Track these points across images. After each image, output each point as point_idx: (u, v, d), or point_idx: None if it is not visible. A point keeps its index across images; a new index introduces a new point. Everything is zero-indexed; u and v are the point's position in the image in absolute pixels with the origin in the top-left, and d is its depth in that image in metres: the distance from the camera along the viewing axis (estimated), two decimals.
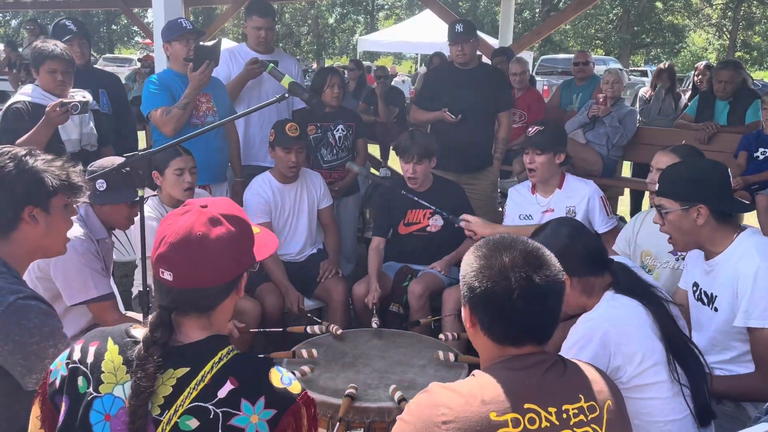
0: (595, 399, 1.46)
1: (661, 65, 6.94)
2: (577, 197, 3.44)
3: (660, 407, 1.86)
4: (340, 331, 2.95)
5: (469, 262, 1.51)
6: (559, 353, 1.83)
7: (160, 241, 1.41)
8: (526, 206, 3.57)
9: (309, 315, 3.50)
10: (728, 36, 34.28)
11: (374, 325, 3.13)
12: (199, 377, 1.36)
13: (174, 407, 1.34)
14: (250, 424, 1.33)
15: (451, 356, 2.69)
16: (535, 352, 1.48)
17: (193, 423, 1.33)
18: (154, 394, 1.34)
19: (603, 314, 1.92)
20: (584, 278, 2.00)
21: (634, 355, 1.85)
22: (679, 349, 1.90)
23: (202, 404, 1.34)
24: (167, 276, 1.39)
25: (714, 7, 34.55)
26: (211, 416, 1.33)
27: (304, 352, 2.71)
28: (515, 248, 1.48)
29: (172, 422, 1.33)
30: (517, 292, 1.43)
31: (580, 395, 1.45)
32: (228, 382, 1.35)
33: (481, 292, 1.46)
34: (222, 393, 1.34)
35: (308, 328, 3.00)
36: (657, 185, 2.40)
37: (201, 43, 3.83)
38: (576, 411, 1.42)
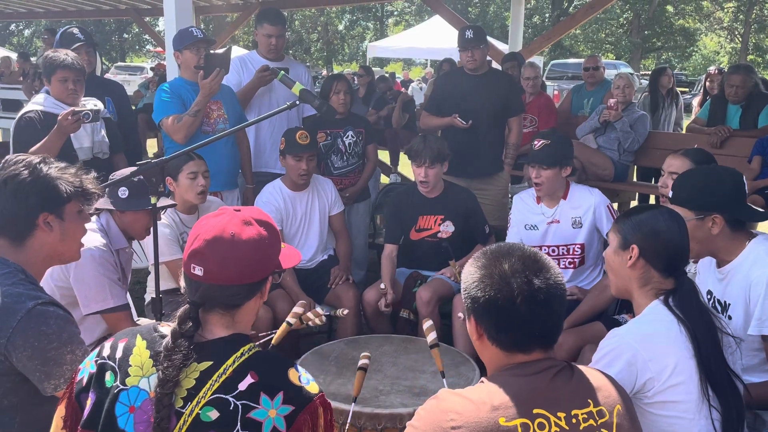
0: (604, 404, 1.46)
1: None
2: (583, 207, 3.42)
3: (684, 428, 1.80)
4: (346, 312, 2.92)
5: (470, 273, 1.53)
6: (590, 364, 1.82)
7: (194, 238, 1.48)
8: (530, 216, 3.55)
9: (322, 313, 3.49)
10: (740, 39, 34.06)
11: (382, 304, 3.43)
12: (221, 370, 1.40)
13: (196, 399, 1.38)
14: (268, 419, 1.37)
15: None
16: (543, 358, 1.49)
17: (214, 414, 1.37)
18: (178, 385, 1.39)
19: (632, 332, 1.87)
20: (649, 266, 1.94)
21: (664, 368, 1.79)
22: (717, 376, 1.82)
23: (223, 396, 1.38)
24: (198, 271, 1.46)
25: (725, 10, 34.35)
26: (231, 408, 1.37)
27: (310, 315, 2.56)
28: (513, 255, 1.50)
29: (194, 414, 1.37)
30: (520, 297, 1.44)
31: (589, 400, 1.45)
32: (249, 376, 1.40)
33: (485, 301, 1.47)
34: (242, 386, 1.39)
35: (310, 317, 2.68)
36: (670, 191, 2.36)
37: (211, 51, 3.86)
38: (585, 416, 1.42)
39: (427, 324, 2.33)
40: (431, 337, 2.28)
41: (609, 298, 3.13)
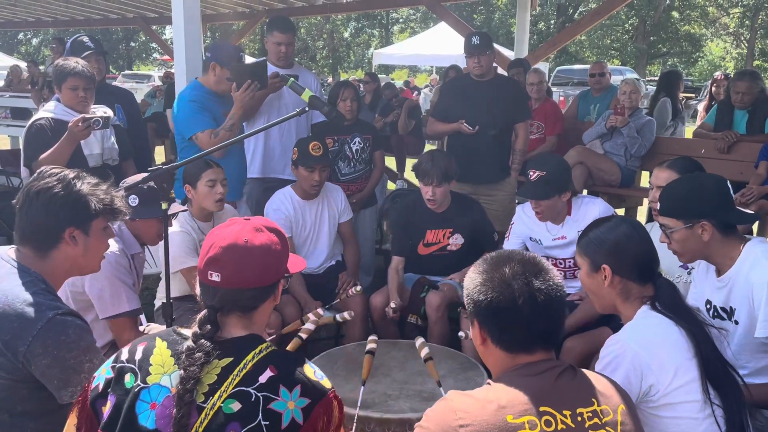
0: (608, 403, 1.49)
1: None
2: (588, 219, 3.34)
3: (690, 427, 1.82)
4: (352, 314, 2.90)
5: (472, 279, 1.59)
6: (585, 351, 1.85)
7: (209, 247, 1.55)
8: (536, 230, 3.52)
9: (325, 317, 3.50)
10: (746, 45, 34.01)
11: (392, 305, 3.39)
12: (241, 365, 1.47)
13: (218, 393, 1.44)
14: (287, 410, 1.43)
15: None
16: (546, 359, 1.53)
17: (236, 406, 1.42)
18: (200, 382, 1.44)
19: (632, 335, 1.90)
20: (625, 280, 2.00)
21: (666, 372, 1.82)
22: (716, 372, 1.86)
23: (245, 389, 1.44)
24: (216, 277, 1.53)
25: (731, 16, 34.31)
26: (253, 399, 1.43)
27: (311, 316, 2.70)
28: (513, 259, 1.56)
29: (216, 407, 1.42)
30: (521, 299, 1.49)
31: (593, 399, 1.48)
32: (268, 369, 1.47)
33: (487, 304, 1.52)
34: (263, 378, 1.45)
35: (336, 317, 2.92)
36: (658, 204, 2.40)
37: (242, 61, 3.86)
38: (590, 414, 1.45)
39: (418, 342, 2.46)
40: (424, 351, 2.38)
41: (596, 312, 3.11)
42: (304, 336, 2.53)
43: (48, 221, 1.91)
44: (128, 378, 1.49)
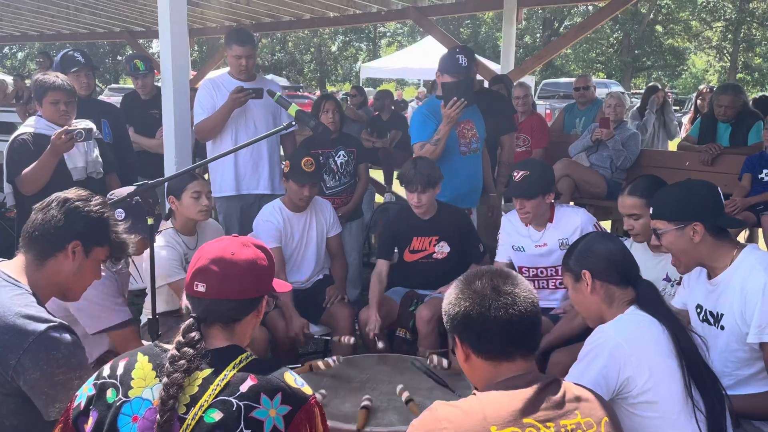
0: (591, 415, 1.51)
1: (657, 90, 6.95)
2: (569, 228, 3.39)
3: (669, 428, 1.85)
4: (352, 340, 2.93)
5: (447, 297, 1.65)
6: (573, 363, 1.92)
7: (197, 259, 1.61)
8: (519, 238, 3.54)
9: (316, 338, 3.50)
10: (729, 58, 34.43)
11: (380, 346, 3.24)
12: (222, 375, 1.49)
13: (199, 404, 1.46)
14: (269, 418, 1.45)
15: (445, 362, 2.77)
16: (529, 371, 1.56)
17: (217, 416, 1.44)
18: (182, 391, 1.46)
19: (616, 327, 1.97)
20: (606, 284, 2.08)
21: (644, 367, 1.87)
22: (698, 374, 1.91)
23: (226, 398, 1.46)
24: (201, 288, 1.59)
25: (714, 29, 34.76)
26: (234, 408, 1.45)
27: (321, 364, 2.78)
28: (483, 275, 1.63)
29: (197, 417, 1.44)
30: (493, 304, 1.55)
31: (577, 412, 1.50)
32: (249, 378, 1.49)
33: (462, 315, 1.57)
34: (243, 388, 1.47)
35: (319, 363, 2.90)
36: (635, 231, 2.47)
37: (452, 80, 3.92)
38: (573, 426, 1.47)
39: (398, 388, 2.57)
40: (405, 396, 2.46)
41: (579, 324, 3.05)
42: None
43: (61, 226, 1.95)
44: (110, 393, 1.51)
